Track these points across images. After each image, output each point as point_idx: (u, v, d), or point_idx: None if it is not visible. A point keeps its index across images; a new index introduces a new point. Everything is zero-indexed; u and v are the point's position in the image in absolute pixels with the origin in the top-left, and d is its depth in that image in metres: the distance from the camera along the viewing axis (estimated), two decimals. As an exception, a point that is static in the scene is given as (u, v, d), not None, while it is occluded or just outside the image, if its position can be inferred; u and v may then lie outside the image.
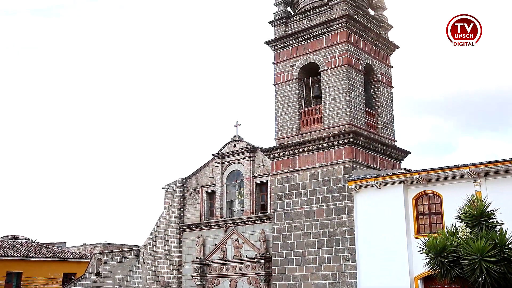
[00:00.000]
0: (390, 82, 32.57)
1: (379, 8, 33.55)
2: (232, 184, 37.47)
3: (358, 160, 28.35)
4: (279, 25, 32.44)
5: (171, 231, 39.24)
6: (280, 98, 31.40)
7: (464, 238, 12.57)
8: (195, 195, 39.03)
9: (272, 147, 30.87)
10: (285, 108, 31.13)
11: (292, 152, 29.98)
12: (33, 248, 51.47)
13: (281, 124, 31.13)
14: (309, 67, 30.96)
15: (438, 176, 24.72)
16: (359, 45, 30.35)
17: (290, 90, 31.17)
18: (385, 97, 31.88)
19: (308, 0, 32.55)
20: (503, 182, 23.24)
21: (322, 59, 30.00)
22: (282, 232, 29.60)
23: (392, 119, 32.03)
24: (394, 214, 25.81)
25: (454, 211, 14.29)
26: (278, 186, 30.27)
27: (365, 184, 26.88)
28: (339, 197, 27.87)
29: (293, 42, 31.43)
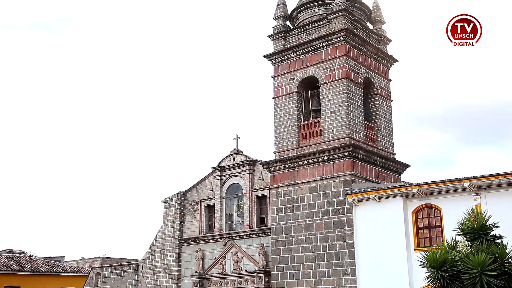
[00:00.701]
0: (389, 96, 32.63)
1: (378, 22, 33.69)
2: (232, 197, 37.43)
3: (357, 174, 28.35)
4: (278, 39, 32.54)
5: (170, 245, 39.14)
6: (279, 112, 31.45)
7: (464, 252, 12.53)
8: (194, 208, 38.98)
9: (272, 160, 30.88)
10: (284, 121, 31.16)
11: (292, 165, 29.98)
12: (31, 263, 51.31)
13: (280, 137, 31.15)
14: (308, 80, 31.03)
15: (438, 189, 24.72)
16: (358, 59, 30.43)
17: (289, 103, 31.22)
18: (384, 110, 31.93)
19: (307, 14, 32.67)
20: (502, 195, 23.24)
21: (321, 73, 30.08)
22: (281, 245, 29.54)
23: (391, 132, 32.06)
24: (394, 228, 25.78)
25: (454, 225, 14.25)
26: (278, 199, 30.24)
27: (365, 198, 26.87)
28: (338, 211, 27.85)
29: (292, 55, 31.53)
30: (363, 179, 28.57)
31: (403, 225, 25.50)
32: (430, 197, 25.20)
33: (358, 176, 28.32)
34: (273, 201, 30.54)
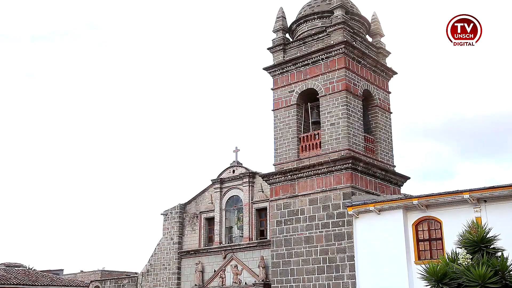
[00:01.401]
0: (389, 108, 32.66)
1: (377, 34, 33.78)
2: (231, 209, 37.39)
3: (357, 186, 28.33)
4: (278, 52, 32.60)
5: (169, 258, 39.05)
6: (279, 124, 31.46)
7: (465, 264, 12.49)
8: (194, 221, 38.92)
9: (271, 172, 30.85)
10: (284, 133, 31.17)
11: (291, 177, 29.96)
12: (30, 276, 51.14)
13: (280, 149, 31.14)
14: (307, 92, 31.06)
15: (438, 201, 24.69)
16: (357, 71, 30.48)
17: (289, 115, 31.24)
18: (384, 122, 31.95)
19: (306, 27, 32.76)
20: (502, 207, 23.21)
21: (320, 85, 30.12)
22: (281, 258, 29.47)
23: (390, 145, 32.06)
24: (394, 240, 25.73)
25: (454, 237, 14.21)
26: (277, 211, 30.20)
27: (365, 210, 26.83)
28: (338, 223, 27.80)
29: (292, 68, 31.58)
30: (363, 191, 28.54)
31: (403, 238, 25.44)
32: (430, 210, 25.16)
33: (358, 188, 28.29)
34: (273, 213, 30.49)
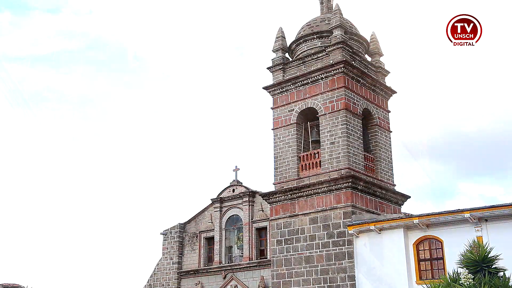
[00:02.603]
0: (388, 127, 32.67)
1: (376, 54, 33.89)
2: (231, 229, 37.29)
3: (357, 205, 28.26)
4: (277, 71, 32.67)
5: (169, 278, 38.88)
6: (279, 143, 31.46)
7: (466, 284, 12.45)
8: (194, 240, 38.79)
9: (271, 191, 30.79)
10: (284, 152, 31.15)
11: (291, 196, 29.89)
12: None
13: (280, 168, 31.10)
14: (307, 111, 31.09)
15: (439, 220, 24.61)
16: (357, 90, 30.54)
17: (289, 134, 31.25)
18: (384, 141, 31.95)
19: (305, 46, 32.86)
20: (504, 227, 23.12)
21: (320, 104, 30.17)
22: (282, 278, 29.30)
23: (390, 163, 32.03)
24: (395, 260, 25.62)
25: (456, 257, 14.18)
26: (278, 231, 30.09)
27: (365, 229, 26.73)
28: (339, 242, 27.69)
29: (291, 87, 31.64)
30: (363, 210, 28.46)
31: (404, 257, 25.33)
32: (431, 229, 25.08)
33: (358, 207, 28.22)
34: (273, 232, 30.39)
